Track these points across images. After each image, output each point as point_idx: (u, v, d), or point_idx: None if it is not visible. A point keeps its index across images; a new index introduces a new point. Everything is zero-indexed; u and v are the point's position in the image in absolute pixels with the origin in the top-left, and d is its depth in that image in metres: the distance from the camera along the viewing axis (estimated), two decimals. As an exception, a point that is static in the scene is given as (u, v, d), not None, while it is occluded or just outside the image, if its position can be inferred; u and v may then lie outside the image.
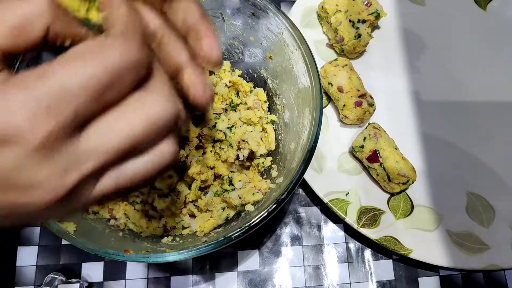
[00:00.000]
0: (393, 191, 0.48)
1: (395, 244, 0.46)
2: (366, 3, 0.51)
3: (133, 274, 0.45)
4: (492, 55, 0.57)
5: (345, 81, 0.49)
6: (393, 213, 0.48)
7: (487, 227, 0.49)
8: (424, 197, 0.50)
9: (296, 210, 0.50)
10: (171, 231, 0.41)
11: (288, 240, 0.48)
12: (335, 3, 0.52)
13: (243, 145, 0.42)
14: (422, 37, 0.57)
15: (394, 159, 0.46)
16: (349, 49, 0.52)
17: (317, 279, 0.47)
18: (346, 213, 0.46)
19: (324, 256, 0.48)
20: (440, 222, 0.48)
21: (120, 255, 0.31)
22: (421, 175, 0.51)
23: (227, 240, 0.31)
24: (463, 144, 0.53)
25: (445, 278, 0.48)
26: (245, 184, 0.40)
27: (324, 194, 0.47)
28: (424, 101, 0.54)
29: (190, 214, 0.41)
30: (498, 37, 0.58)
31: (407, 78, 0.55)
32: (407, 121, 0.53)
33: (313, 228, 0.49)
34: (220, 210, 0.40)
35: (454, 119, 0.54)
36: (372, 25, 0.53)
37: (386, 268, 0.48)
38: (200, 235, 0.39)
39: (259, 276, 0.46)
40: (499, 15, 0.59)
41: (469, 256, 0.46)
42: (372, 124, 0.49)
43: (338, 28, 0.52)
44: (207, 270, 0.46)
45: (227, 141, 0.42)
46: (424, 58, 0.56)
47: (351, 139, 0.51)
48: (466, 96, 0.55)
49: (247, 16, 0.40)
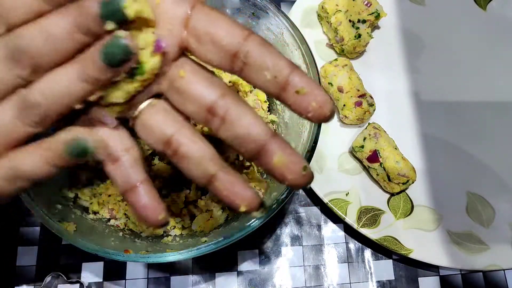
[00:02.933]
0: (393, 191, 0.48)
1: (395, 244, 0.46)
2: (366, 3, 0.51)
3: (133, 274, 0.46)
4: (492, 55, 0.57)
5: (345, 81, 0.49)
6: (393, 213, 0.48)
7: (487, 227, 0.49)
8: (424, 197, 0.50)
9: (296, 210, 0.50)
10: (171, 231, 0.41)
11: (288, 240, 0.48)
12: (335, 3, 0.52)
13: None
14: (422, 37, 0.57)
15: (394, 159, 0.46)
16: (349, 49, 0.52)
17: (317, 279, 0.47)
18: (346, 213, 0.46)
19: (324, 256, 0.48)
20: (440, 222, 0.48)
21: (120, 255, 0.31)
22: (421, 175, 0.51)
23: (227, 240, 0.31)
24: (463, 144, 0.53)
25: (445, 278, 0.48)
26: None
27: (324, 194, 0.47)
28: (424, 101, 0.54)
29: (190, 214, 0.41)
30: (498, 37, 0.58)
31: (407, 78, 0.55)
32: (407, 121, 0.53)
33: (313, 228, 0.49)
34: (220, 210, 0.40)
35: (454, 119, 0.54)
36: (372, 25, 0.53)
37: (386, 268, 0.48)
38: (200, 235, 0.39)
39: (259, 276, 0.46)
40: (499, 15, 0.59)
41: (469, 256, 0.46)
42: (372, 124, 0.49)
43: (338, 28, 0.52)
44: (207, 270, 0.46)
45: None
46: (424, 58, 0.56)
47: (351, 139, 0.51)
48: (466, 96, 0.55)
49: (247, 16, 0.40)
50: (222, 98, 0.22)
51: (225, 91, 0.23)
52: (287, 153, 0.22)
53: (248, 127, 0.22)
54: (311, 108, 0.22)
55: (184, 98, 0.23)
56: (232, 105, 0.22)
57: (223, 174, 0.23)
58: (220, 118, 0.22)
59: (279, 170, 0.23)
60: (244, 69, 0.22)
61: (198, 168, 0.23)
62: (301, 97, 0.22)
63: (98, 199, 0.40)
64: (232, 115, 0.22)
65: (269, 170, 0.23)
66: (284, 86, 0.22)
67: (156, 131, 0.23)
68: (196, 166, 0.23)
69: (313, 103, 0.21)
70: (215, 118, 0.22)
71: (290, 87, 0.21)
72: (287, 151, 0.22)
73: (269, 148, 0.22)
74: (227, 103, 0.22)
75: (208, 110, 0.22)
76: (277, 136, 0.23)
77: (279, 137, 0.23)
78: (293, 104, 0.22)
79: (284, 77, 0.21)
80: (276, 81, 0.21)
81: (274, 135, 0.23)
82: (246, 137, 0.22)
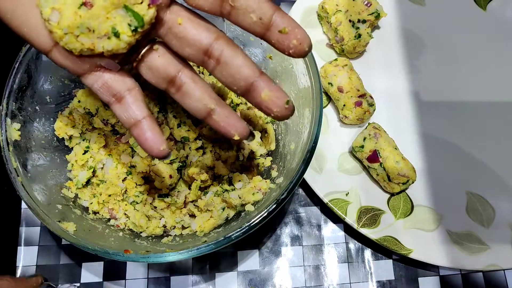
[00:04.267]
0: (393, 191, 0.48)
1: (395, 244, 0.46)
2: (366, 3, 0.51)
3: (133, 274, 0.46)
4: (492, 55, 0.57)
5: (345, 81, 0.49)
6: (393, 213, 0.48)
7: (487, 227, 0.49)
8: (424, 197, 0.50)
9: (296, 210, 0.50)
10: (171, 231, 0.41)
11: (288, 240, 0.48)
12: (335, 3, 0.52)
13: (243, 145, 0.42)
14: (422, 37, 0.57)
15: (394, 159, 0.46)
16: (349, 49, 0.52)
17: (317, 279, 0.47)
18: (346, 213, 0.46)
19: (324, 256, 0.48)
20: (440, 222, 0.48)
21: (120, 255, 0.31)
22: (421, 175, 0.51)
23: (227, 240, 0.31)
24: (463, 144, 0.53)
25: (445, 278, 0.48)
26: (245, 184, 0.40)
27: (324, 194, 0.47)
28: (424, 101, 0.54)
29: (190, 214, 0.41)
30: (498, 37, 0.58)
31: (407, 78, 0.55)
32: (407, 121, 0.53)
33: (313, 228, 0.49)
34: (220, 210, 0.40)
35: (454, 119, 0.54)
36: (372, 25, 0.53)
37: (386, 268, 0.48)
38: (200, 235, 0.39)
39: (259, 276, 0.46)
40: (499, 15, 0.59)
41: (469, 256, 0.46)
42: (372, 124, 0.49)
43: (338, 28, 0.52)
44: (207, 270, 0.46)
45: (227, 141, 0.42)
46: (424, 58, 0.56)
47: (351, 139, 0.51)
48: (466, 96, 0.55)
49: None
50: (216, 41, 0.25)
51: (219, 34, 0.26)
52: (273, 89, 0.26)
53: (240, 67, 0.25)
54: (292, 45, 0.24)
55: (182, 42, 0.25)
56: (225, 47, 0.25)
57: (219, 108, 0.27)
58: (215, 60, 0.25)
59: (266, 103, 0.26)
60: (232, 12, 0.24)
61: (199, 104, 0.27)
62: (284, 36, 0.24)
63: (98, 199, 0.40)
64: (225, 56, 0.25)
65: (257, 103, 0.26)
66: (268, 27, 0.24)
67: (161, 72, 0.26)
68: (197, 102, 0.27)
69: (293, 40, 0.24)
70: (211, 60, 0.26)
71: (273, 27, 0.24)
72: (272, 87, 0.26)
73: (257, 85, 0.26)
74: (221, 45, 0.25)
75: (204, 52, 0.25)
76: (264, 75, 0.26)
77: (265, 76, 0.26)
78: (276, 42, 0.24)
79: (268, 18, 0.24)
80: (261, 22, 0.24)
81: (262, 73, 0.26)
82: (238, 76, 0.25)
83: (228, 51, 0.25)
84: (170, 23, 0.25)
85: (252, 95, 0.26)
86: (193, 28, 0.25)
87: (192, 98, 0.27)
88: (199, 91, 0.27)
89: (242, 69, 0.25)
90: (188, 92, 0.27)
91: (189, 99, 0.27)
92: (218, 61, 0.25)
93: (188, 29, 0.25)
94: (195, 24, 0.25)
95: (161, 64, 0.26)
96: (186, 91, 0.27)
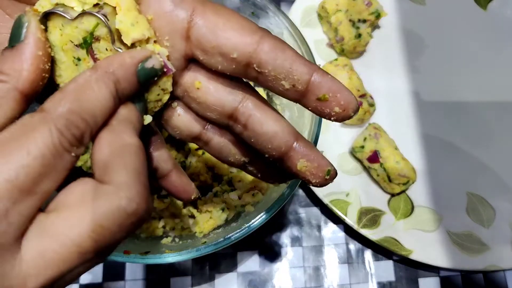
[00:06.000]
0: (393, 191, 0.48)
1: (396, 245, 0.45)
2: (367, 3, 0.51)
3: (132, 275, 0.45)
4: (492, 55, 0.57)
5: (345, 81, 0.49)
6: (393, 214, 0.48)
7: (487, 227, 0.49)
8: (424, 197, 0.50)
9: (296, 210, 0.49)
10: (170, 232, 0.41)
11: (288, 241, 0.48)
12: (335, 3, 0.52)
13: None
14: (422, 37, 0.57)
15: (394, 160, 0.46)
16: (349, 49, 0.52)
17: (317, 280, 0.47)
18: (346, 213, 0.46)
19: (324, 257, 0.48)
20: (440, 223, 0.48)
21: (119, 256, 0.31)
22: (421, 175, 0.51)
23: (226, 241, 0.31)
24: (463, 144, 0.53)
25: (445, 279, 0.48)
26: (245, 184, 0.40)
27: (324, 195, 0.46)
28: (424, 101, 0.54)
29: (189, 215, 0.41)
30: (498, 37, 0.58)
31: (407, 78, 0.55)
32: (407, 121, 0.53)
33: (313, 228, 0.49)
34: (220, 211, 0.40)
35: (454, 119, 0.54)
36: (372, 25, 0.53)
37: (387, 269, 0.48)
38: (199, 236, 0.39)
39: (259, 277, 0.46)
40: (499, 15, 0.59)
41: (469, 257, 0.46)
42: (372, 124, 0.49)
43: (338, 28, 0.51)
44: (207, 271, 0.46)
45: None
46: (424, 58, 0.56)
47: (351, 139, 0.51)
48: (466, 96, 0.55)
49: (247, 16, 0.40)
50: (243, 103, 0.22)
51: (245, 95, 0.22)
52: (311, 158, 0.22)
53: (271, 136, 0.22)
54: (334, 113, 0.21)
55: (203, 107, 0.23)
56: (254, 110, 0.22)
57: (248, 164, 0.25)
58: (242, 125, 0.22)
59: (303, 174, 0.23)
60: (260, 78, 0.21)
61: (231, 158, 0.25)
62: (324, 104, 0.20)
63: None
64: (254, 122, 0.22)
65: (293, 173, 0.23)
66: (304, 94, 0.21)
67: (183, 130, 0.24)
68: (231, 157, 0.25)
69: (336, 108, 0.20)
70: (237, 124, 0.22)
71: (310, 94, 0.20)
72: (310, 157, 0.22)
73: (292, 155, 0.22)
74: (248, 108, 0.22)
75: (228, 117, 0.22)
76: (301, 140, 0.22)
77: (302, 141, 0.22)
78: (314, 109, 0.21)
79: (303, 85, 0.20)
80: (295, 89, 0.20)
81: (297, 139, 0.22)
82: (269, 146, 0.22)
83: (257, 115, 0.22)
84: (186, 86, 0.22)
85: (286, 164, 0.23)
86: (214, 92, 0.22)
87: (223, 154, 0.25)
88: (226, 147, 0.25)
89: (274, 139, 0.22)
90: (218, 148, 0.25)
91: (220, 154, 0.25)
92: (245, 127, 0.22)
93: (207, 94, 0.22)
94: (216, 87, 0.22)
95: (182, 123, 0.24)
96: (216, 147, 0.25)
